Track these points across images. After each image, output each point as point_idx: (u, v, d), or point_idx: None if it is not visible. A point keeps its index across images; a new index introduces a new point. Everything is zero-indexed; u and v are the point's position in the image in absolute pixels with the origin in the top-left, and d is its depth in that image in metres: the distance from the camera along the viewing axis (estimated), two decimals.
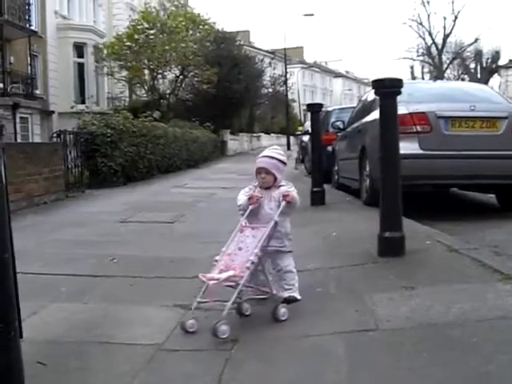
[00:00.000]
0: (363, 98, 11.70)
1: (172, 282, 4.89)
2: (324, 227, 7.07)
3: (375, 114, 8.63)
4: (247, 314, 3.88)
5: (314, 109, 9.76)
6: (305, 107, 52.20)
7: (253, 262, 3.63)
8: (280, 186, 4.03)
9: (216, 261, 3.80)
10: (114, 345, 3.48)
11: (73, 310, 4.09)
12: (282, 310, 3.74)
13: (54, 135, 12.83)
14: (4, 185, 2.24)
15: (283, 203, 3.94)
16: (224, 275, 3.63)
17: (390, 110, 5.38)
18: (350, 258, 5.30)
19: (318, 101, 15.90)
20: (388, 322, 3.56)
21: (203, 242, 6.52)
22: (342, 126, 11.95)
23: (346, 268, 5.00)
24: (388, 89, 5.43)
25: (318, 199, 9.33)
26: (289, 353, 3.20)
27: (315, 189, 9.47)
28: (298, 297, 4.06)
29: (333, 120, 14.15)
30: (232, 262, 3.74)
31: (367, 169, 8.91)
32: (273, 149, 4.13)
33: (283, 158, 4.09)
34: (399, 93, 5.41)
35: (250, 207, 3.99)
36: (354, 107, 13.04)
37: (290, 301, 3.95)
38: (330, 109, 16.39)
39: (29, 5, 28.12)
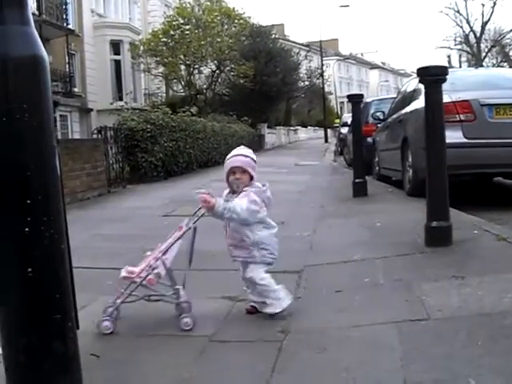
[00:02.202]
0: (403, 89, 11.58)
1: (218, 274, 4.90)
2: (368, 218, 7.02)
3: (417, 104, 8.57)
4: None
5: (355, 100, 9.69)
6: (341, 100, 51.93)
7: (151, 266, 3.55)
8: (243, 190, 3.73)
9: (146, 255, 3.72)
10: (165, 336, 3.50)
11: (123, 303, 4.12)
12: (184, 321, 3.59)
13: (95, 131, 12.95)
14: (60, 177, 2.26)
15: (201, 210, 3.73)
16: (124, 274, 3.65)
17: (435, 98, 5.30)
18: (396, 248, 5.26)
19: (354, 92, 15.89)
20: (439, 312, 3.51)
21: None
22: (382, 117, 11.86)
23: (392, 258, 4.96)
24: (433, 77, 5.35)
25: (360, 190, 9.27)
26: (341, 342, 3.18)
27: (357, 180, 9.41)
28: (275, 310, 3.68)
29: (372, 111, 14.05)
30: (145, 261, 3.69)
31: (409, 159, 8.81)
32: (241, 148, 3.92)
33: (255, 157, 3.85)
34: (444, 80, 5.33)
35: (202, 211, 3.75)
36: (393, 98, 12.92)
37: (270, 315, 3.69)
38: (369, 100, 16.25)
39: (66, 4, 28.40)
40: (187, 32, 29.65)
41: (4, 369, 2.17)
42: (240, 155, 3.78)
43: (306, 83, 45.99)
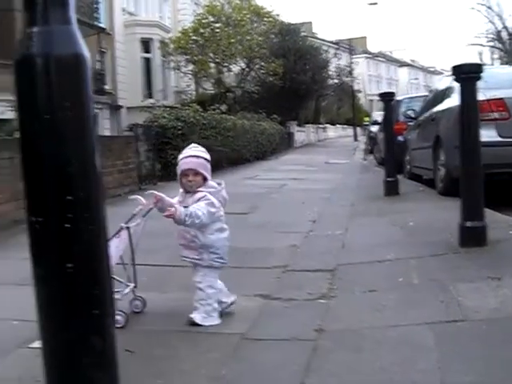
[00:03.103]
0: (435, 87, 11.48)
1: (250, 271, 4.91)
2: (400, 217, 6.97)
3: (450, 102, 8.48)
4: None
5: (387, 98, 9.63)
6: (370, 98, 51.68)
7: None
8: (198, 191, 3.67)
9: None
10: (198, 334, 3.51)
11: (154, 299, 4.14)
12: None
13: (127, 128, 13.02)
14: (101, 173, 2.28)
15: (151, 206, 3.69)
16: None
17: (469, 96, 5.25)
18: (429, 248, 5.21)
19: (383, 91, 15.72)
20: (476, 313, 3.48)
21: (278, 232, 6.55)
22: (413, 115, 11.77)
23: (426, 258, 4.92)
24: (468, 74, 5.29)
25: (391, 189, 9.21)
26: (377, 342, 3.16)
27: (389, 178, 9.34)
28: (201, 322, 3.61)
29: (403, 109, 13.94)
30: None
31: (442, 158, 8.73)
32: (193, 147, 3.82)
33: (208, 157, 3.77)
34: (479, 78, 5.27)
35: (151, 206, 3.71)
36: (424, 96, 12.82)
37: (190, 323, 3.62)
38: (400, 98, 16.13)
39: (97, 3, 28.60)
40: (217, 30, 29.68)
41: (43, 362, 2.19)
42: (192, 156, 3.71)
43: (335, 81, 45.77)
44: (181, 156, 3.75)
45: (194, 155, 3.71)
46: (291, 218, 7.64)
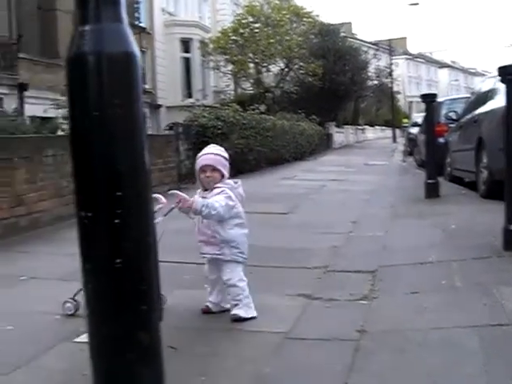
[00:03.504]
0: (478, 88, 11.34)
1: (292, 271, 4.92)
2: (442, 219, 6.91)
3: (493, 104, 8.38)
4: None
5: (428, 99, 9.55)
6: (410, 99, 51.23)
7: None
8: (216, 187, 3.73)
9: None
10: (240, 331, 3.53)
11: (196, 296, 4.16)
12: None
13: (167, 127, 13.11)
14: (149, 170, 2.30)
15: (172, 205, 3.69)
16: None
17: None
18: (472, 251, 5.15)
19: (423, 92, 15.38)
20: None
21: (319, 232, 6.54)
22: (455, 117, 11.63)
23: (469, 261, 4.87)
24: None
25: (432, 191, 9.12)
26: (420, 345, 3.14)
27: (429, 180, 9.25)
28: (245, 315, 3.67)
29: (444, 111, 13.78)
30: None
31: (484, 160, 8.62)
32: (212, 147, 3.93)
33: (227, 155, 3.85)
34: None
35: (172, 205, 3.70)
36: (466, 98, 12.67)
37: (235, 319, 3.66)
38: (441, 100, 15.96)
39: (138, 3, 28.87)
40: (256, 30, 29.73)
41: (89, 357, 2.22)
42: (210, 153, 3.79)
43: (375, 82, 45.51)
44: (200, 154, 3.85)
45: (212, 153, 3.80)
46: (331, 218, 7.62)
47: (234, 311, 3.70)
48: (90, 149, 2.11)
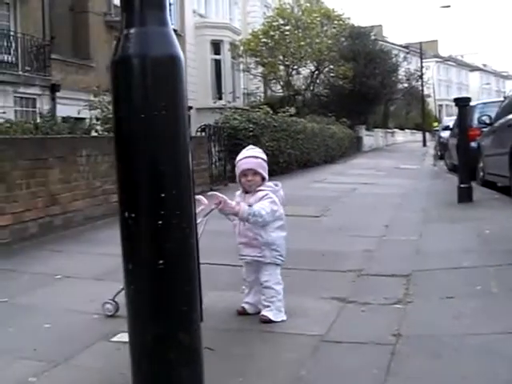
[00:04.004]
0: (510, 93, 11.22)
1: (325, 274, 4.92)
2: (476, 224, 6.85)
3: None
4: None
5: (462, 103, 9.48)
6: (440, 103, 50.79)
7: None
8: (258, 190, 3.73)
9: None
10: (276, 334, 3.54)
11: (232, 298, 4.18)
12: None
13: (199, 129, 13.17)
14: (191, 173, 2.32)
15: (212, 207, 3.67)
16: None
17: None
18: (507, 257, 5.11)
19: (453, 96, 15.12)
20: None
21: (351, 235, 6.53)
22: (488, 121, 11.52)
23: (505, 266, 4.82)
24: None
25: (465, 196, 9.04)
26: (457, 350, 3.12)
27: (462, 185, 9.17)
28: (275, 318, 3.69)
29: (477, 115, 13.65)
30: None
31: None
32: (250, 149, 3.90)
33: (265, 157, 3.86)
34: None
35: (212, 207, 3.69)
36: (499, 101, 12.55)
37: (264, 321, 3.68)
38: (473, 104, 15.82)
39: (170, 5, 29.06)
40: (287, 33, 29.72)
41: (130, 356, 2.24)
42: (251, 157, 3.78)
43: (405, 85, 45.29)
44: (239, 157, 3.84)
45: (252, 156, 3.80)
46: (363, 222, 7.60)
47: (265, 312, 3.73)
48: (135, 150, 2.14)
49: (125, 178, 2.19)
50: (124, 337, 2.78)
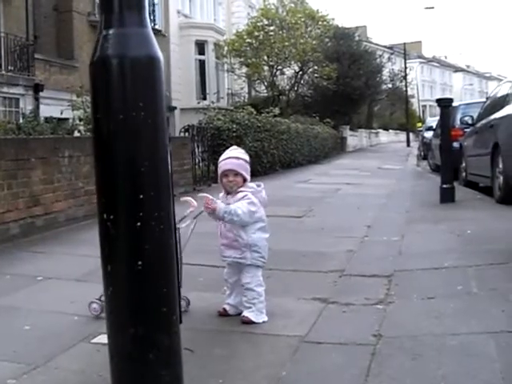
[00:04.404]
0: (493, 93, 11.28)
1: (308, 275, 4.92)
2: (457, 224, 6.88)
3: (509, 109, 8.35)
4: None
5: (444, 104, 9.52)
6: (424, 103, 50.95)
7: None
8: (239, 191, 3.75)
9: None
10: (257, 335, 3.54)
11: (212, 299, 4.18)
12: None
13: (182, 130, 13.15)
14: (170, 174, 2.32)
15: (202, 209, 3.69)
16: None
17: None
18: (488, 257, 5.13)
19: (437, 96, 15.14)
20: None
21: (334, 236, 6.54)
22: (470, 122, 11.58)
23: (485, 266, 4.84)
24: None
25: (447, 196, 9.08)
26: (437, 350, 3.13)
27: (445, 185, 9.22)
28: (256, 319, 3.70)
29: (459, 115, 13.73)
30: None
31: (500, 166, 8.58)
32: (233, 149, 3.91)
33: (248, 158, 3.87)
34: None
35: (201, 209, 3.71)
36: (481, 102, 12.62)
37: (245, 322, 3.69)
38: (456, 104, 15.90)
39: (154, 5, 28.97)
40: (271, 33, 29.73)
41: (109, 357, 2.23)
42: (232, 158, 3.79)
43: (389, 86, 45.45)
44: (221, 158, 3.85)
45: (234, 156, 3.80)
46: (346, 222, 7.61)
47: (246, 313, 3.74)
48: (113, 151, 2.13)
49: (103, 179, 2.18)
50: (104, 338, 2.76)
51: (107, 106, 2.13)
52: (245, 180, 3.78)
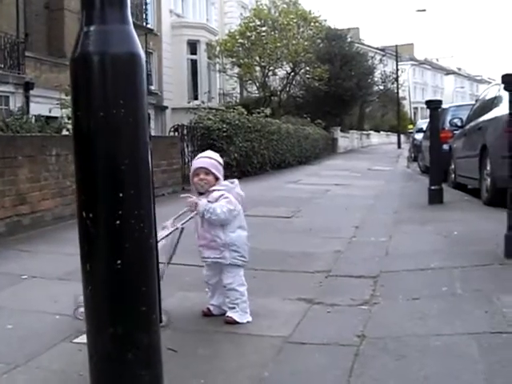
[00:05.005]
0: (482, 96, 11.31)
1: (294, 275, 4.91)
2: (445, 226, 6.89)
3: (497, 111, 8.37)
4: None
5: (433, 106, 9.54)
6: (415, 105, 51.09)
7: None
8: (213, 190, 3.73)
9: None
10: (241, 335, 3.53)
11: (197, 299, 4.16)
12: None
13: (172, 129, 13.14)
14: (151, 172, 2.30)
15: (193, 213, 3.69)
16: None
17: None
18: (474, 258, 5.14)
19: (428, 98, 15.19)
20: None
21: (321, 237, 6.54)
22: (460, 124, 11.61)
23: (470, 268, 4.86)
24: None
25: (436, 197, 9.10)
26: (420, 351, 3.13)
27: (433, 187, 9.24)
28: (240, 319, 3.70)
29: (449, 118, 13.75)
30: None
31: (488, 168, 8.61)
32: (207, 151, 3.97)
33: (221, 160, 3.87)
34: None
35: (191, 214, 3.72)
36: (471, 105, 12.65)
37: (228, 322, 3.69)
38: (446, 106, 15.93)
39: (146, 4, 28.92)
40: (263, 34, 29.71)
41: (88, 357, 2.22)
42: (204, 157, 3.82)
43: (381, 88, 45.51)
44: (194, 159, 3.90)
45: (206, 156, 3.84)
46: (334, 223, 7.61)
47: (230, 314, 3.73)
48: (93, 149, 2.11)
49: (83, 177, 2.16)
50: (85, 338, 2.75)
51: (88, 103, 2.12)
52: (217, 179, 3.76)
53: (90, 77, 2.11)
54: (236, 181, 3.89)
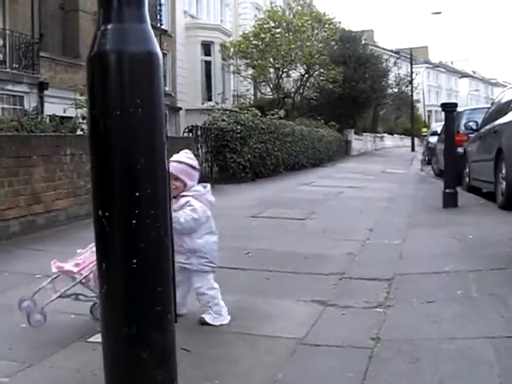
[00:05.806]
0: (498, 99, 11.25)
1: (307, 277, 4.89)
2: (459, 229, 6.85)
3: None
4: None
5: (449, 108, 9.49)
6: (429, 108, 50.89)
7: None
8: (182, 195, 3.67)
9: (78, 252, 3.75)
10: (255, 336, 3.52)
11: None
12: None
13: (186, 130, 13.15)
14: (168, 173, 2.30)
15: None
16: (67, 267, 3.66)
17: None
18: (489, 262, 5.10)
19: (442, 101, 15.07)
20: None
21: (335, 239, 6.52)
22: (475, 127, 11.54)
23: (485, 271, 4.82)
24: None
25: (450, 201, 9.05)
26: (435, 354, 3.10)
27: (448, 190, 9.19)
28: (213, 322, 3.68)
29: (464, 121, 13.68)
30: (88, 259, 3.65)
31: (503, 171, 8.55)
32: (182, 153, 3.79)
33: (194, 163, 3.74)
34: None
35: None
36: (486, 108, 12.58)
37: (201, 323, 3.69)
38: (461, 109, 15.85)
39: (160, 5, 29.00)
40: (277, 35, 29.69)
41: (103, 356, 2.21)
42: (175, 162, 3.67)
43: (395, 90, 45.38)
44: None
45: (177, 160, 3.70)
46: (348, 225, 7.59)
47: (202, 315, 3.72)
48: (110, 148, 2.11)
49: (99, 175, 2.16)
50: (100, 337, 2.75)
51: (104, 103, 2.11)
52: (185, 185, 3.67)
53: (106, 75, 2.10)
54: (208, 185, 3.82)
